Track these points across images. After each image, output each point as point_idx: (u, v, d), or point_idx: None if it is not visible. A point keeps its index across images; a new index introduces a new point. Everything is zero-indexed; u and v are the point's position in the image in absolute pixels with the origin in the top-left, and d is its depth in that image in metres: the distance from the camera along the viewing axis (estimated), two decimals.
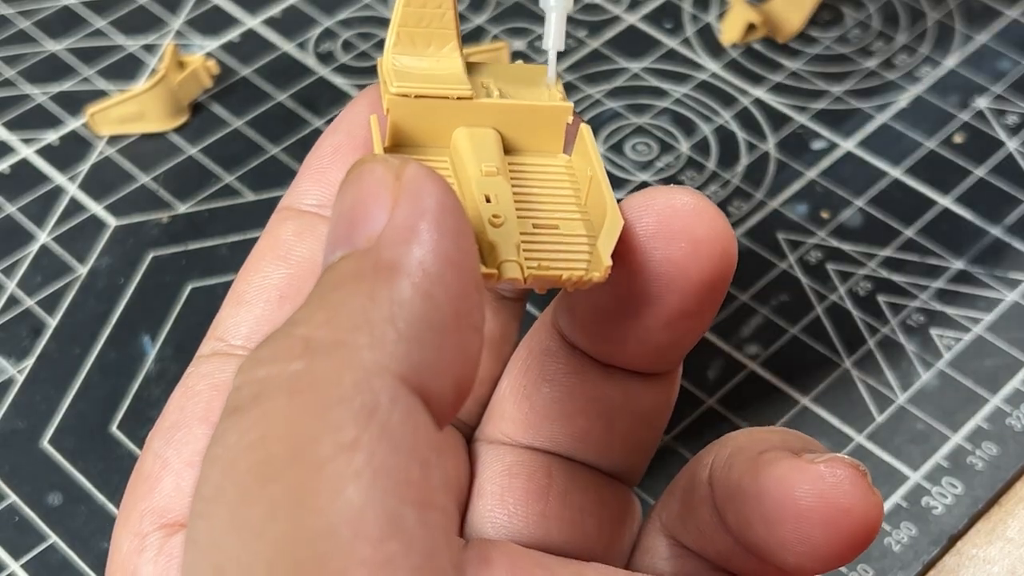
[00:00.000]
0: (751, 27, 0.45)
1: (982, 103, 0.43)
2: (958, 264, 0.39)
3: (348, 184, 0.19)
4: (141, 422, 0.35)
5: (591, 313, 0.24)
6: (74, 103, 0.43)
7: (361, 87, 0.44)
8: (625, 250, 0.22)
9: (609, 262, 0.22)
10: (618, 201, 0.23)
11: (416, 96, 0.24)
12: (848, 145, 0.42)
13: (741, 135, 0.42)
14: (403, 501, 0.16)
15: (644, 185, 0.41)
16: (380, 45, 0.45)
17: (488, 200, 0.23)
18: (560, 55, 0.45)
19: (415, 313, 0.17)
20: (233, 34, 0.46)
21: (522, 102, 0.24)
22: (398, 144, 0.24)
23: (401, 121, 0.24)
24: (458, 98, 0.24)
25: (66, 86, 0.44)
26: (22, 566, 0.33)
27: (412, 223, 0.18)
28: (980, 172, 0.41)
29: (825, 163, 0.42)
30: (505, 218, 0.22)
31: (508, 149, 0.24)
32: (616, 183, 0.41)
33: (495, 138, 0.24)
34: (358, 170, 0.19)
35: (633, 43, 0.45)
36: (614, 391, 0.25)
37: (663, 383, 0.25)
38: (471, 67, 0.25)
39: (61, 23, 0.46)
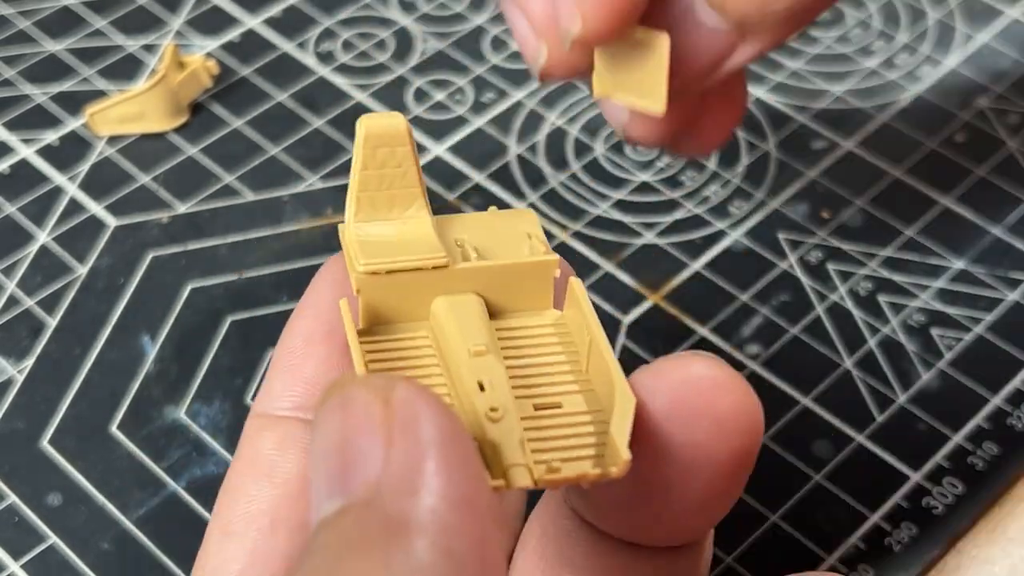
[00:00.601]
0: None
1: (983, 103, 0.43)
2: (959, 264, 0.39)
3: (329, 413, 0.17)
4: (141, 422, 0.35)
5: (608, 501, 0.22)
6: (74, 103, 0.43)
7: (361, 87, 0.44)
8: (640, 432, 0.20)
9: (628, 455, 0.19)
10: (624, 370, 0.20)
11: (388, 272, 0.22)
12: (849, 145, 0.42)
13: (741, 135, 0.42)
14: None
15: (644, 185, 0.41)
16: (380, 45, 0.45)
17: (482, 388, 0.20)
18: None
19: None
20: (233, 34, 0.46)
21: (503, 262, 0.22)
22: (373, 323, 0.22)
23: (374, 300, 0.22)
24: (433, 268, 0.22)
25: (66, 86, 0.44)
26: (22, 566, 0.33)
27: (415, 463, 0.16)
28: (981, 172, 0.41)
29: (826, 163, 0.42)
30: (504, 410, 0.20)
31: (492, 312, 0.22)
32: (616, 183, 0.41)
33: (478, 306, 0.22)
34: (339, 396, 0.17)
35: None
36: (644, 568, 0.22)
37: (695, 548, 0.23)
38: (440, 223, 0.23)
39: (61, 23, 0.46)
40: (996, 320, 0.37)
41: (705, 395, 0.20)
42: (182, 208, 0.40)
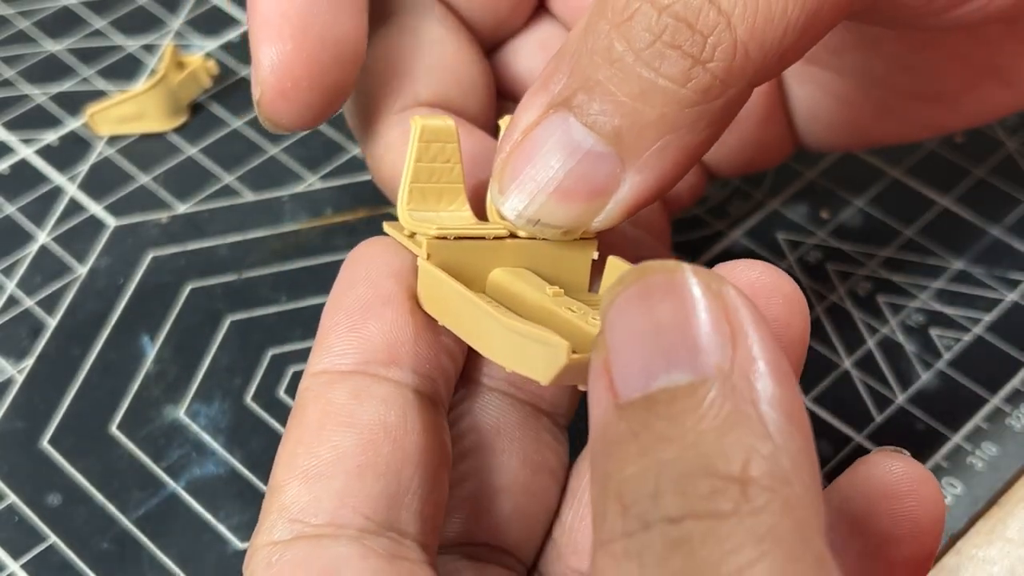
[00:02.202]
0: None
1: None
2: (958, 264, 0.39)
3: (657, 291, 0.18)
4: (141, 422, 0.35)
5: None
6: (74, 103, 0.43)
7: None
8: None
9: None
10: None
11: (456, 238, 0.23)
12: None
13: None
14: None
15: None
16: None
17: (573, 310, 0.22)
18: None
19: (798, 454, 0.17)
20: (232, 34, 0.46)
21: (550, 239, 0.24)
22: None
23: (440, 265, 0.23)
24: (494, 238, 0.24)
25: (66, 86, 0.44)
26: (22, 566, 0.33)
27: (768, 355, 0.18)
28: (980, 172, 0.41)
29: (825, 163, 0.42)
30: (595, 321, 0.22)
31: None
32: None
33: (534, 275, 0.24)
34: (665, 278, 0.18)
35: None
36: None
37: None
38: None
39: (61, 23, 0.46)
40: (995, 320, 0.37)
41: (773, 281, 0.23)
42: (182, 208, 0.40)
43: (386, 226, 0.25)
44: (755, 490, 0.16)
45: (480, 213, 0.25)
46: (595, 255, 0.24)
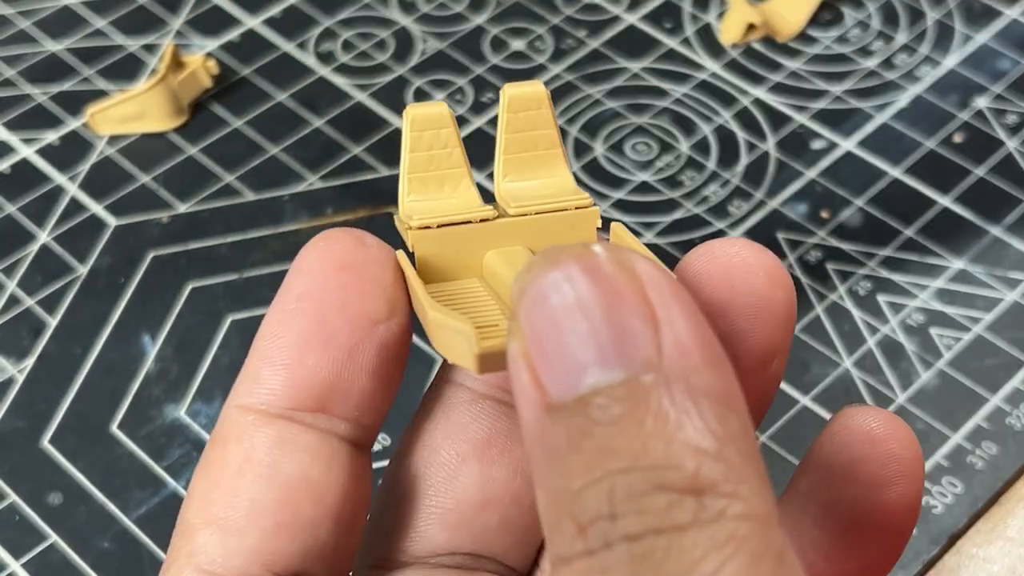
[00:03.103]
0: (751, 27, 0.45)
1: (982, 103, 0.43)
2: (958, 264, 0.39)
3: (570, 274, 0.18)
4: (141, 422, 0.35)
5: None
6: (74, 103, 0.43)
7: (361, 87, 0.44)
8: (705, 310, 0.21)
9: None
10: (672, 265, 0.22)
11: (438, 226, 0.23)
12: (848, 145, 0.42)
13: (741, 135, 0.42)
14: None
15: (644, 185, 0.41)
16: (380, 45, 0.45)
17: None
18: (560, 55, 0.45)
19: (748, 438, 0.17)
20: (233, 34, 0.46)
21: (547, 212, 0.24)
22: (426, 282, 0.23)
23: (427, 255, 0.23)
24: (481, 220, 0.23)
25: (66, 86, 0.44)
26: (22, 565, 0.33)
27: (684, 346, 0.17)
28: (980, 172, 0.41)
29: (825, 163, 0.42)
30: None
31: None
32: (616, 183, 0.41)
33: (528, 254, 0.23)
34: (576, 259, 0.18)
35: (633, 43, 0.45)
36: None
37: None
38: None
39: (61, 23, 0.46)
40: (995, 320, 0.37)
41: (751, 257, 0.22)
42: (182, 208, 0.40)
43: (396, 220, 0.24)
44: (710, 497, 0.16)
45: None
46: (598, 223, 0.24)
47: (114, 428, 0.35)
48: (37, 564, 0.33)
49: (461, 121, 0.43)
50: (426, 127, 0.24)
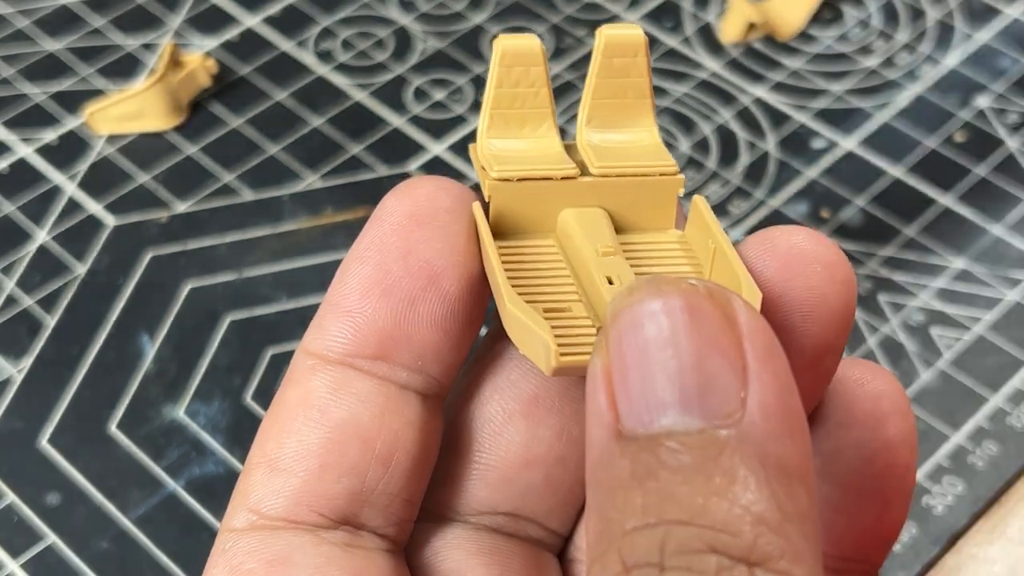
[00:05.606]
0: (751, 26, 0.45)
1: (983, 102, 0.43)
2: (959, 263, 0.39)
3: (669, 310, 0.17)
4: (140, 422, 0.35)
5: None
6: (73, 102, 0.43)
7: (360, 86, 0.44)
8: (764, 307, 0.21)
9: None
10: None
11: (519, 179, 0.22)
12: (848, 144, 0.42)
13: (741, 134, 0.42)
14: None
15: None
16: (380, 44, 0.45)
17: (611, 282, 0.21)
18: (560, 54, 0.45)
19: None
20: (232, 33, 0.46)
21: (630, 176, 0.23)
22: (499, 233, 0.23)
23: (503, 207, 0.22)
24: (562, 178, 0.23)
25: (65, 85, 0.44)
26: (21, 566, 0.33)
27: (780, 407, 0.16)
28: (981, 171, 0.41)
29: (825, 162, 0.42)
30: None
31: (617, 228, 0.23)
32: None
33: (604, 217, 0.23)
34: (678, 295, 0.17)
35: None
36: None
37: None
38: (569, 147, 0.24)
39: (60, 22, 0.46)
40: (996, 319, 0.37)
41: (811, 250, 0.21)
42: (181, 207, 0.40)
43: (471, 147, 0.24)
44: (762, 571, 0.16)
45: None
46: (681, 191, 0.23)
47: (113, 428, 0.35)
48: (35, 564, 0.33)
49: (460, 120, 0.43)
50: (516, 62, 0.23)
